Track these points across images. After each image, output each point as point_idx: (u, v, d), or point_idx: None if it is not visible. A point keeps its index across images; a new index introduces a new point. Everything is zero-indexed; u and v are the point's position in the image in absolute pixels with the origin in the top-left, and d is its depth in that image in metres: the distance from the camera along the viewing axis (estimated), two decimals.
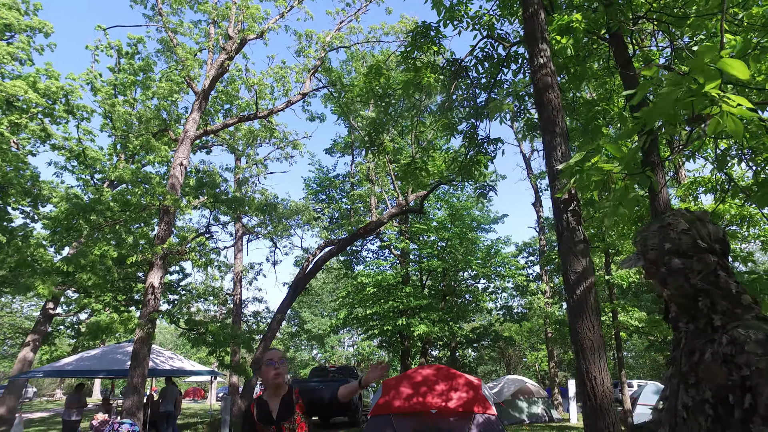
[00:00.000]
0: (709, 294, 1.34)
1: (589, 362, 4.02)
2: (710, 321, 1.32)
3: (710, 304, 1.33)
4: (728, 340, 1.23)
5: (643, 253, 1.48)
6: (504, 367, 38.61)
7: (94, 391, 37.48)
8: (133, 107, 16.57)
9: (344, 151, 25.40)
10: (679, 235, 1.41)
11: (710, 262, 1.36)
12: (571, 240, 4.28)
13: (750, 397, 1.12)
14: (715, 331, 1.30)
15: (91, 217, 11.21)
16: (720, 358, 1.22)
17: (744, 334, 1.20)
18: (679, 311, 1.41)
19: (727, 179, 8.00)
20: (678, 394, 1.35)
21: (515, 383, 16.22)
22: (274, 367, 2.66)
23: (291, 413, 2.59)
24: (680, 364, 1.38)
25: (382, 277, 21.08)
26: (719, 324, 1.29)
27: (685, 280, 1.37)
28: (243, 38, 13.39)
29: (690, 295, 1.37)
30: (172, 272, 18.12)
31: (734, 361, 1.19)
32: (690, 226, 1.42)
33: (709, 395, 1.23)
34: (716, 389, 1.22)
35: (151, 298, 10.65)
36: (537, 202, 26.41)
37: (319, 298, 43.60)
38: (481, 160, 8.89)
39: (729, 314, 1.30)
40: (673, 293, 1.40)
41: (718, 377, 1.22)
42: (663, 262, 1.42)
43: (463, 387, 11.90)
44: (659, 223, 1.49)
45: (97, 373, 13.38)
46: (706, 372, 1.25)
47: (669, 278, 1.41)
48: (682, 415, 1.30)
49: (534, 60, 4.88)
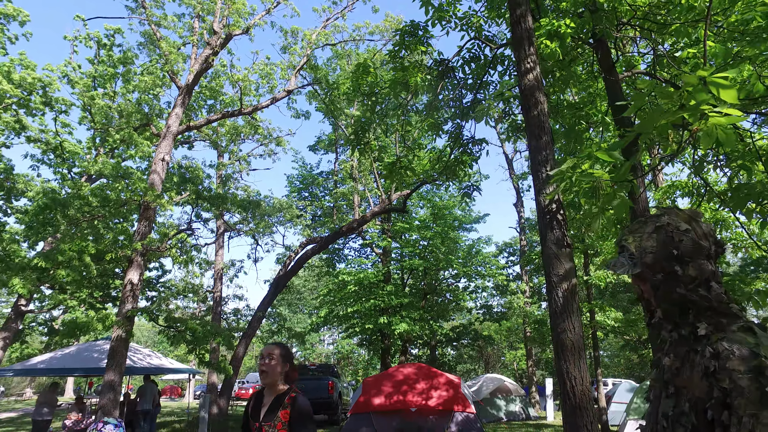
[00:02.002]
0: (697, 305, 1.27)
1: (569, 362, 4.11)
2: (695, 330, 1.25)
3: (696, 315, 1.28)
4: (711, 353, 1.17)
5: (639, 258, 1.34)
6: (483, 365, 38.99)
7: (67, 390, 36.67)
8: (114, 100, 16.24)
9: (328, 148, 25.33)
10: (680, 236, 1.29)
11: (706, 270, 1.28)
12: (554, 243, 4.36)
13: (727, 415, 1.09)
14: (699, 340, 1.24)
15: (68, 212, 10.96)
16: (702, 371, 1.17)
17: (728, 349, 1.14)
18: (664, 317, 1.34)
19: (704, 184, 8.23)
20: (660, 401, 1.31)
21: (494, 382, 16.41)
22: (259, 364, 2.65)
23: (274, 416, 2.54)
24: (662, 370, 1.33)
25: (363, 275, 21.10)
26: (703, 333, 1.23)
27: (678, 289, 1.29)
28: (228, 33, 13.25)
29: (678, 304, 1.30)
30: (152, 269, 17.82)
31: (716, 376, 1.13)
32: (689, 226, 1.31)
33: (688, 407, 1.19)
34: (695, 402, 1.17)
35: (129, 296, 10.47)
36: (518, 203, 26.73)
37: (300, 296, 43.40)
38: (465, 161, 8.96)
39: (714, 324, 1.24)
40: (663, 302, 1.32)
41: (698, 390, 1.17)
42: (662, 268, 1.30)
43: (443, 386, 11.99)
44: (654, 222, 1.36)
45: (72, 372, 13.09)
46: (686, 383, 1.21)
47: (662, 285, 1.31)
48: (662, 423, 1.27)
49: (521, 64, 4.94)
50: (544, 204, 4.32)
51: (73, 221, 11.02)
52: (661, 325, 1.35)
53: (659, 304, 1.33)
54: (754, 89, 4.91)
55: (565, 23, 5.84)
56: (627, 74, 7.59)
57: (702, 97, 2.06)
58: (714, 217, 11.07)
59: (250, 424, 2.58)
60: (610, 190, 2.67)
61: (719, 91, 2.03)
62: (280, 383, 2.65)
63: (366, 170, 21.76)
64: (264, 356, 2.64)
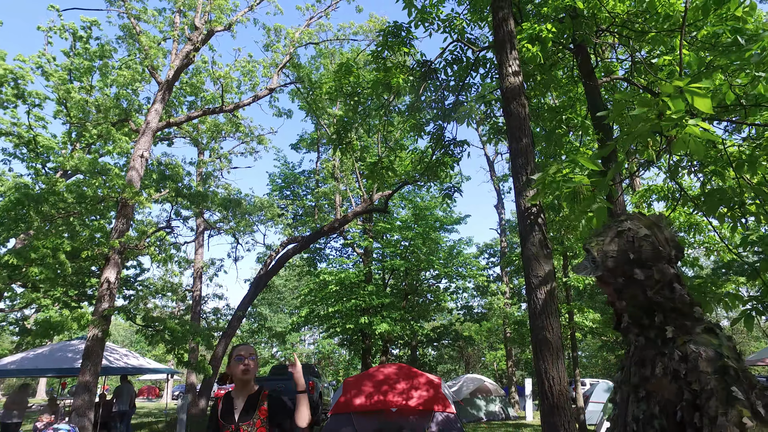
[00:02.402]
0: (662, 307, 1.30)
1: (547, 362, 4.18)
2: (662, 333, 1.29)
3: (663, 317, 1.30)
4: (680, 356, 1.20)
5: (601, 261, 1.37)
6: (463, 366, 39.26)
7: (39, 391, 35.79)
8: (90, 94, 15.90)
9: (310, 147, 25.23)
10: (639, 241, 1.33)
11: (668, 273, 1.32)
12: (534, 245, 4.42)
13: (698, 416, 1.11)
14: (666, 343, 1.26)
15: (42, 207, 10.71)
16: (670, 374, 1.20)
17: (695, 351, 1.18)
18: (631, 321, 1.36)
19: (678, 189, 8.44)
20: (628, 404, 1.33)
21: (474, 382, 16.53)
22: (243, 363, 2.60)
23: (251, 415, 2.52)
24: (630, 373, 1.35)
25: (344, 275, 21.06)
26: (670, 336, 1.26)
27: (642, 292, 1.32)
28: (210, 29, 13.09)
29: (644, 307, 1.32)
30: (129, 267, 17.51)
31: (686, 379, 1.17)
32: (650, 231, 1.35)
33: (658, 410, 1.21)
34: (665, 404, 1.20)
35: (106, 294, 10.28)
36: (499, 205, 27.00)
37: (280, 296, 43.09)
38: (447, 162, 9.02)
39: (680, 327, 1.27)
40: (629, 305, 1.35)
41: (666, 392, 1.20)
42: (623, 272, 1.34)
43: (423, 386, 12.05)
44: (616, 227, 1.38)
45: (45, 372, 12.77)
46: (657, 387, 1.23)
47: (626, 289, 1.34)
48: (632, 427, 1.28)
49: (503, 67, 5.00)
50: (524, 206, 4.38)
51: (47, 217, 10.77)
52: (629, 329, 1.37)
53: (625, 307, 1.35)
54: (725, 98, 5.06)
55: (547, 28, 5.93)
56: (606, 79, 7.74)
57: (679, 106, 2.13)
58: (688, 220, 11.35)
59: (222, 428, 2.53)
60: (590, 195, 2.73)
61: (694, 100, 2.10)
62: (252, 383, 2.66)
63: (348, 170, 21.73)
64: (244, 356, 2.62)
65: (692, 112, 2.61)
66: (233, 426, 2.49)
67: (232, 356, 2.67)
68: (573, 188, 2.82)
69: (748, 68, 4.83)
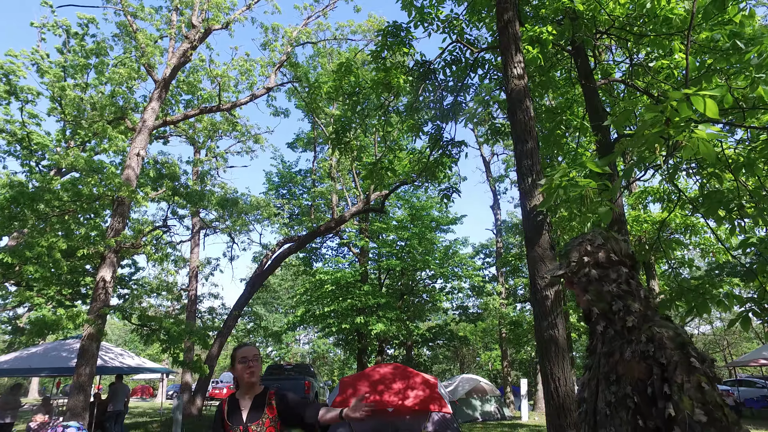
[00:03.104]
0: (623, 298, 1.54)
1: (553, 363, 4.17)
2: (625, 323, 1.50)
3: (624, 308, 1.53)
4: (647, 338, 1.40)
5: (567, 264, 1.66)
6: (458, 366, 39.34)
7: (31, 391, 35.52)
8: (86, 92, 15.79)
9: (307, 146, 25.17)
10: (595, 249, 1.62)
11: (622, 273, 1.58)
12: (540, 246, 4.42)
13: (668, 386, 1.31)
14: (631, 332, 1.48)
15: (37, 206, 10.61)
16: (639, 355, 1.40)
17: (659, 332, 1.39)
18: (599, 315, 1.58)
19: (676, 190, 8.48)
20: (598, 395, 1.50)
21: (469, 382, 16.55)
22: (248, 366, 2.57)
23: (260, 415, 2.50)
24: (599, 367, 1.53)
25: (340, 274, 21.04)
26: (632, 325, 1.48)
27: (602, 287, 1.57)
28: (207, 28, 13.04)
29: (607, 300, 1.56)
30: (124, 266, 17.41)
31: (654, 356, 1.36)
32: (605, 241, 1.63)
33: (630, 389, 1.39)
34: (636, 383, 1.38)
35: (101, 293, 10.21)
36: (495, 205, 27.03)
37: (276, 295, 43.00)
38: (445, 162, 9.02)
39: (641, 316, 1.50)
40: (593, 298, 1.59)
41: (638, 372, 1.39)
42: (583, 273, 1.61)
43: (419, 386, 12.05)
44: (579, 239, 1.68)
45: (39, 372, 12.66)
46: (627, 368, 1.41)
47: (589, 286, 1.60)
48: (605, 412, 1.45)
49: (508, 69, 4.99)
50: (529, 208, 4.38)
51: (41, 216, 10.67)
52: (598, 322, 1.59)
53: (591, 302, 1.60)
54: (724, 101, 5.09)
55: (547, 30, 5.94)
56: (604, 82, 7.77)
57: (685, 112, 2.16)
58: (684, 222, 11.43)
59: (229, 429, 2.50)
60: (596, 198, 2.75)
61: (705, 107, 2.13)
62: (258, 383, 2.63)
63: (345, 169, 21.71)
64: (249, 358, 2.59)
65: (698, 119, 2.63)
66: (241, 427, 2.47)
67: (235, 358, 2.64)
68: (580, 192, 2.84)
69: (748, 71, 4.86)
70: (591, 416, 1.52)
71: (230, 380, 30.47)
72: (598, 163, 2.77)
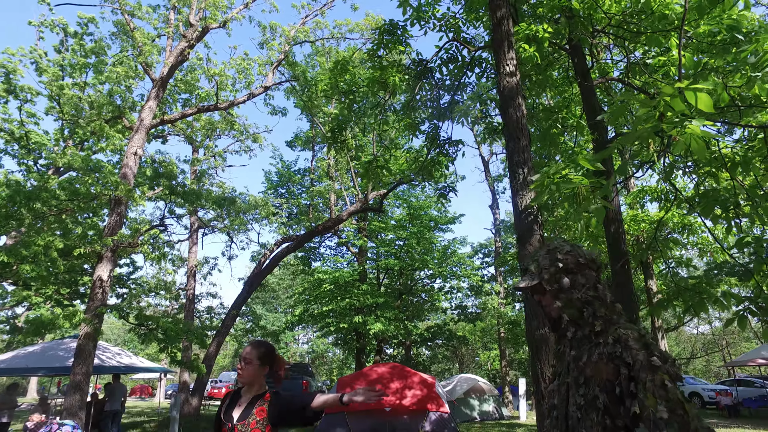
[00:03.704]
0: (591, 304, 1.60)
1: (543, 363, 4.16)
2: (593, 327, 1.57)
3: (593, 313, 1.59)
4: (614, 339, 1.47)
5: (538, 273, 1.71)
6: (457, 365, 39.33)
7: (30, 390, 35.51)
8: (84, 91, 15.77)
9: (305, 145, 25.15)
10: (565, 255, 1.68)
11: (591, 276, 1.65)
12: (532, 244, 4.41)
13: (634, 385, 1.37)
14: (598, 335, 1.54)
15: (34, 205, 10.59)
16: (606, 357, 1.46)
17: (625, 334, 1.46)
18: (569, 322, 1.64)
19: (672, 189, 8.47)
20: (569, 400, 1.55)
21: (468, 382, 16.53)
22: (237, 367, 2.59)
23: (248, 415, 2.45)
24: (568, 372, 1.58)
25: (339, 274, 21.03)
26: (600, 329, 1.55)
27: (572, 294, 1.62)
28: (205, 26, 13.00)
29: (577, 307, 1.61)
30: (122, 265, 17.38)
31: (621, 357, 1.42)
32: (572, 248, 1.71)
33: (598, 390, 1.44)
34: (604, 384, 1.43)
35: (98, 292, 10.19)
36: (494, 205, 27.02)
37: (275, 294, 42.97)
38: (442, 161, 9.01)
39: (607, 320, 1.57)
40: (564, 305, 1.63)
41: (606, 373, 1.44)
42: (555, 280, 1.66)
43: (417, 385, 12.05)
44: (547, 248, 1.75)
45: (36, 371, 12.64)
46: (595, 370, 1.47)
47: (560, 294, 1.64)
48: (576, 416, 1.49)
49: (501, 66, 4.97)
50: (521, 206, 4.36)
51: (39, 215, 10.65)
52: (567, 328, 1.65)
53: (561, 308, 1.65)
54: (720, 99, 5.08)
55: (543, 28, 5.92)
56: (601, 80, 7.75)
57: (679, 106, 2.13)
58: (681, 221, 11.42)
59: (221, 425, 2.49)
60: (589, 196, 2.73)
61: (697, 101, 2.10)
62: (259, 384, 2.58)
63: (343, 169, 21.69)
64: (244, 358, 2.57)
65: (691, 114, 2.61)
66: (230, 424, 2.46)
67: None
68: (572, 189, 2.82)
69: (744, 69, 4.84)
70: (563, 421, 1.56)
71: (229, 380, 30.45)
72: (591, 159, 2.76)
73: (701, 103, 2.23)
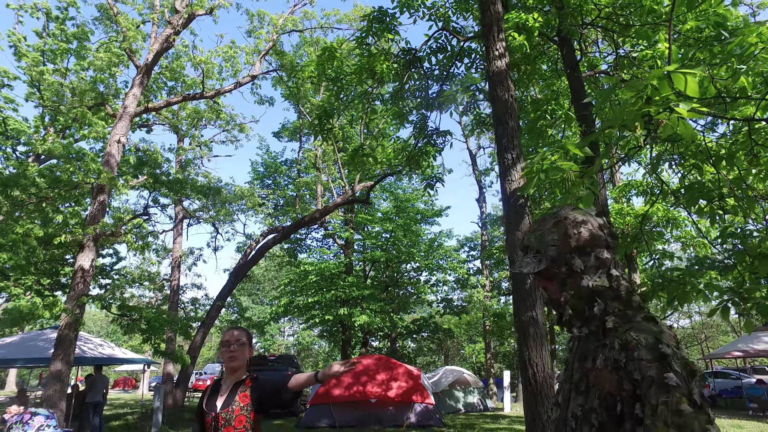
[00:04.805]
0: (602, 296, 1.28)
1: (531, 350, 4.17)
2: (603, 323, 1.25)
3: (603, 307, 1.27)
4: (620, 345, 1.17)
5: (544, 253, 1.35)
6: (442, 358, 39.57)
7: (9, 383, 34.94)
8: (65, 77, 15.41)
9: (292, 136, 24.96)
10: (578, 227, 1.32)
11: (606, 259, 1.31)
12: (520, 230, 4.40)
13: (639, 407, 1.08)
14: (607, 334, 1.23)
15: (12, 192, 10.35)
16: (611, 364, 1.17)
17: (635, 339, 1.15)
18: (573, 314, 1.33)
19: (658, 183, 8.56)
20: (569, 402, 1.28)
21: (453, 374, 16.64)
22: (229, 350, 2.48)
23: (231, 401, 2.39)
24: (572, 370, 1.32)
25: (325, 266, 20.97)
26: (611, 326, 1.23)
27: (583, 281, 1.30)
28: (191, 13, 12.76)
29: (586, 297, 1.30)
30: (105, 255, 17.11)
31: (626, 368, 1.13)
32: (585, 218, 1.34)
33: (597, 404, 1.17)
34: (605, 397, 1.16)
35: (80, 282, 10.00)
36: (481, 198, 27.13)
37: (260, 286, 42.75)
38: (429, 152, 8.98)
39: (621, 316, 1.25)
40: (571, 295, 1.32)
41: (608, 385, 1.16)
42: (565, 261, 1.32)
43: (402, 377, 12.08)
44: (553, 218, 1.37)
45: (14, 363, 12.38)
46: (597, 379, 1.19)
47: (569, 279, 1.32)
48: (570, 424, 1.25)
49: (490, 50, 4.94)
50: (509, 191, 4.35)
51: (17, 203, 10.40)
52: (572, 322, 1.34)
53: (569, 299, 1.32)
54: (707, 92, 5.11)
55: (533, 17, 5.91)
56: (589, 74, 7.78)
57: (666, 90, 2.12)
58: (666, 215, 11.56)
59: (204, 415, 2.43)
60: (578, 182, 2.73)
61: (686, 86, 2.09)
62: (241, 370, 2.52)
63: (330, 160, 21.58)
64: (232, 341, 2.50)
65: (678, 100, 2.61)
66: (213, 413, 2.39)
67: (221, 341, 2.56)
68: (562, 175, 2.81)
69: (730, 62, 4.87)
70: (562, 425, 1.30)
71: (214, 372, 30.26)
72: (578, 144, 2.74)
73: (689, 89, 2.21)
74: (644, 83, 2.26)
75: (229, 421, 2.35)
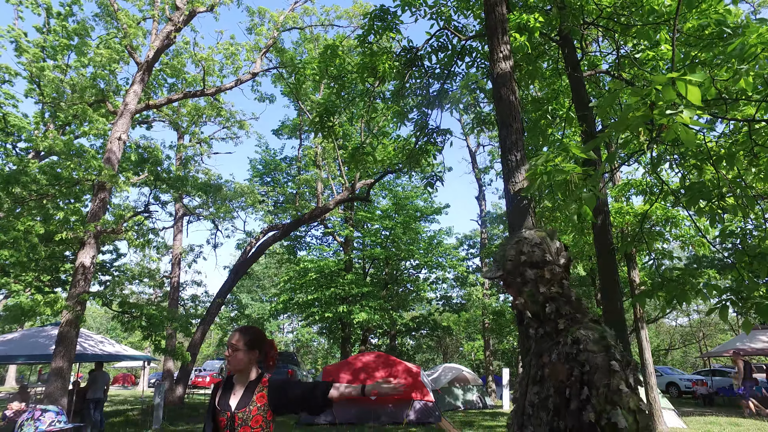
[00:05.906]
0: (555, 300, 1.52)
1: None
2: (556, 326, 1.49)
3: (556, 310, 1.51)
4: (572, 340, 1.40)
5: (502, 264, 1.63)
6: (441, 355, 39.66)
7: (8, 379, 34.98)
8: (66, 74, 15.39)
9: (292, 133, 24.94)
10: (532, 248, 1.58)
11: (557, 273, 1.56)
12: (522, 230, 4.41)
13: (587, 390, 1.31)
14: (560, 334, 1.47)
15: (13, 189, 10.36)
16: (564, 357, 1.39)
17: (585, 335, 1.39)
18: (531, 318, 1.56)
19: (659, 183, 8.59)
20: (526, 395, 1.51)
21: (452, 371, 16.69)
22: (229, 351, 2.47)
23: (248, 401, 2.38)
24: (530, 367, 1.53)
25: (324, 263, 20.99)
26: (563, 327, 1.47)
27: (536, 289, 1.54)
28: (192, 10, 12.75)
29: (540, 302, 1.53)
30: (105, 252, 17.13)
31: (576, 359, 1.36)
32: (541, 241, 1.61)
33: (552, 391, 1.39)
34: (558, 386, 1.38)
35: (81, 279, 10.03)
36: (480, 196, 27.14)
37: (260, 283, 42.79)
38: (429, 150, 8.99)
39: (571, 318, 1.49)
40: (527, 300, 1.56)
41: (561, 374, 1.38)
42: (519, 272, 1.57)
43: (402, 374, 12.13)
44: (516, 238, 1.66)
45: (15, 359, 12.42)
46: (552, 370, 1.41)
47: (523, 287, 1.56)
48: (528, 411, 1.47)
49: (494, 51, 4.94)
50: (513, 192, 4.35)
51: (18, 199, 10.41)
52: (530, 325, 1.57)
53: (525, 303, 1.56)
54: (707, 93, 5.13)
55: (534, 17, 5.92)
56: (590, 73, 7.78)
57: (670, 96, 2.14)
58: (665, 215, 11.58)
59: (218, 415, 2.41)
60: (581, 184, 2.75)
61: (687, 92, 2.11)
62: (251, 371, 2.50)
63: (330, 158, 21.58)
64: (233, 343, 2.47)
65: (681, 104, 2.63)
66: (229, 413, 2.38)
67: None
68: (565, 177, 2.83)
69: (730, 63, 4.89)
70: (519, 416, 1.53)
71: (213, 368, 30.32)
72: (582, 148, 2.77)
73: (691, 95, 2.24)
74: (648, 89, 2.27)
75: (246, 421, 2.35)
